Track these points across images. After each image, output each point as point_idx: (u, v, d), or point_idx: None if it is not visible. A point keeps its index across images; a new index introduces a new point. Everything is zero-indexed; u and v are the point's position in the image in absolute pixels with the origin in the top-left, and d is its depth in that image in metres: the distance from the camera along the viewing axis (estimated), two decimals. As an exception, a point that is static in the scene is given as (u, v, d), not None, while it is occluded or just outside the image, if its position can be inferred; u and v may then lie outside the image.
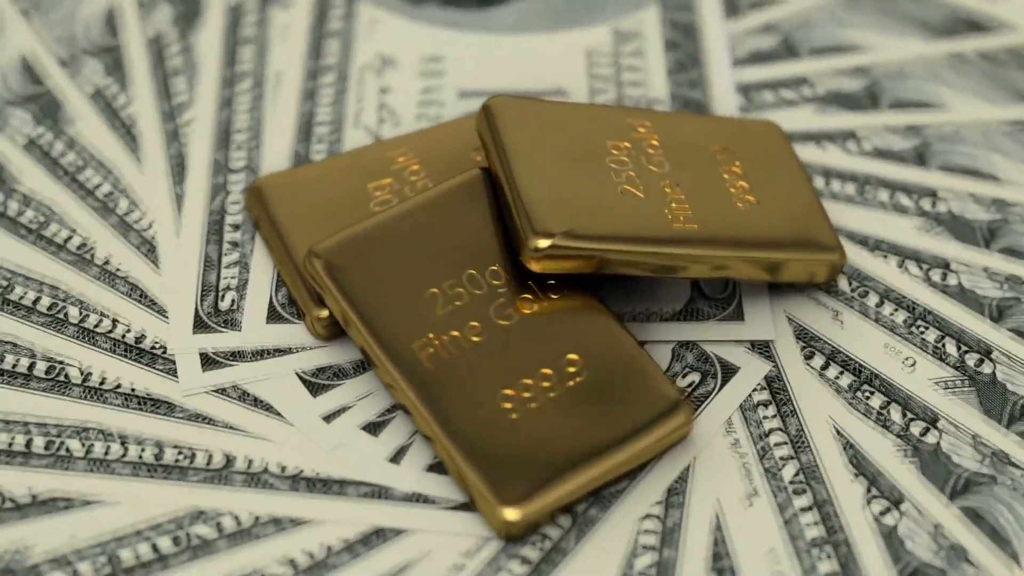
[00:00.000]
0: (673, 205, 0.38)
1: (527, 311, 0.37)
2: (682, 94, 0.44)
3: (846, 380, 0.38)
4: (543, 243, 0.36)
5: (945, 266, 0.40)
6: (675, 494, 0.36)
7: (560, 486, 0.35)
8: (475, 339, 0.36)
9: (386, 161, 0.41)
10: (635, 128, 0.40)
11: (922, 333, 0.39)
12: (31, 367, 0.37)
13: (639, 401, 0.36)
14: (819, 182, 0.42)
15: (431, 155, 0.41)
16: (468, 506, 0.35)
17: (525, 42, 0.45)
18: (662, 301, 0.39)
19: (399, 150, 0.41)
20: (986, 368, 0.38)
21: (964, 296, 0.39)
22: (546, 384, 0.36)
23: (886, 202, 0.41)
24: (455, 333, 0.36)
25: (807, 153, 0.42)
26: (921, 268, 0.40)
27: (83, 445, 0.36)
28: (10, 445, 0.36)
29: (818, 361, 0.38)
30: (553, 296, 0.37)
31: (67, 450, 0.36)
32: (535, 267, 0.37)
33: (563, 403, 0.35)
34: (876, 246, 0.40)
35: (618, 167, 0.39)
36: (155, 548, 0.34)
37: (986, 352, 0.38)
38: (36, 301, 0.38)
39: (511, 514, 0.34)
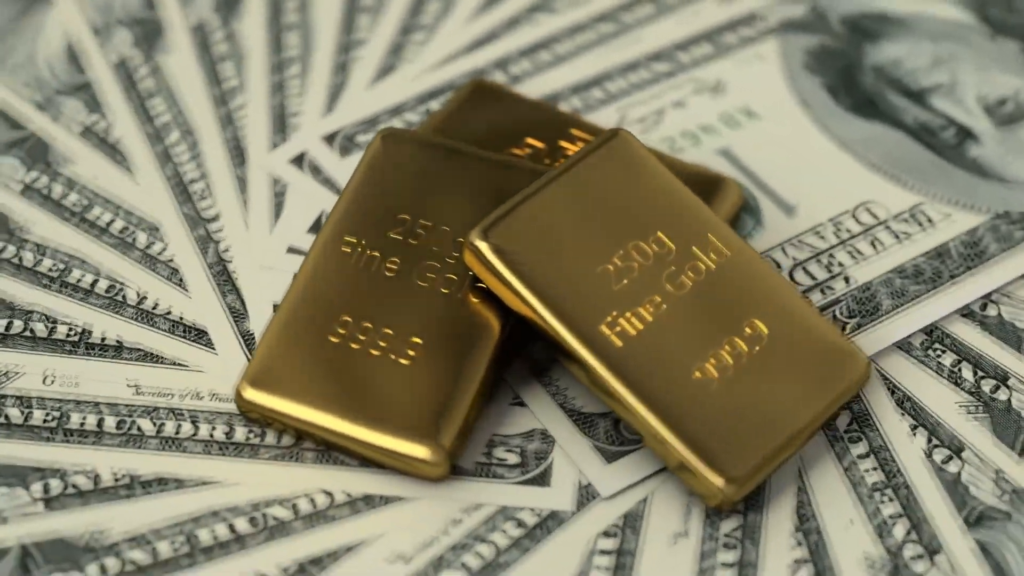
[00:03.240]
0: (631, 317, 0.35)
1: (441, 288, 0.37)
2: (867, 292, 0.38)
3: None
4: (474, 239, 0.36)
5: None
6: (367, 503, 0.35)
7: (294, 406, 0.36)
8: (386, 272, 0.37)
9: (560, 133, 0.41)
10: (707, 245, 0.36)
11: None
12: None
13: (414, 413, 0.35)
14: (858, 452, 0.35)
15: (596, 156, 0.40)
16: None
17: (828, 154, 0.41)
18: (590, 396, 0.36)
19: (582, 132, 0.41)
20: None
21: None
22: (382, 343, 0.36)
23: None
24: (375, 253, 0.37)
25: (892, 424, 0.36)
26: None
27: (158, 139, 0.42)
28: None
29: (609, 543, 0.34)
30: (472, 296, 0.36)
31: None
32: (465, 255, 0.36)
33: (376, 362, 0.36)
34: (808, 534, 0.34)
35: (636, 254, 0.36)
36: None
37: None
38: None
39: (246, 391, 0.36)
